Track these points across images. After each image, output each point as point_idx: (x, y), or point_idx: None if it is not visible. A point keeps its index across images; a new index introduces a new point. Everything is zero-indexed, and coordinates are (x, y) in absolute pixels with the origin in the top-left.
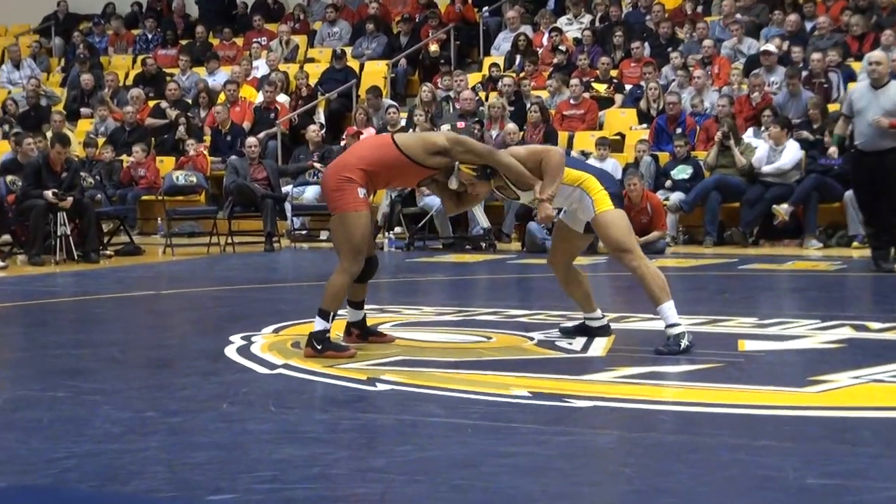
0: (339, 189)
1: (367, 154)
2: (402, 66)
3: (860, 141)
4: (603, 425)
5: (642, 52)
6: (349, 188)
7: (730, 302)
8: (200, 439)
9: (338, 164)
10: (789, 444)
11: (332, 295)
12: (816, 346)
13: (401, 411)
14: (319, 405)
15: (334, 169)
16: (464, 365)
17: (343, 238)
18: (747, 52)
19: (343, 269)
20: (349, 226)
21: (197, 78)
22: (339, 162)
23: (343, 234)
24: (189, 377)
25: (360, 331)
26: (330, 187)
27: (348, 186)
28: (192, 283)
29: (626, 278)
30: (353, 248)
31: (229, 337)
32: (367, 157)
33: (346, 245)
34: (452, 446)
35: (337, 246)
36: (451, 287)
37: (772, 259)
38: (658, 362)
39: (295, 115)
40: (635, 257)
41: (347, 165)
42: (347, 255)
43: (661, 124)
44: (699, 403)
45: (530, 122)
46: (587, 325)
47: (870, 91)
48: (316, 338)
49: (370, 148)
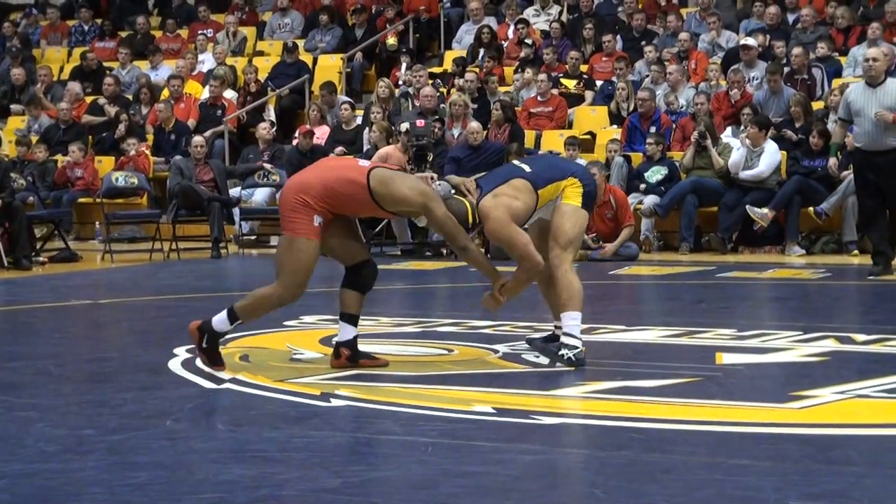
0: (294, 210)
1: (336, 187)
2: (358, 60)
3: (862, 142)
4: (571, 443)
5: (614, 45)
6: (305, 214)
7: (707, 312)
8: (142, 459)
9: (301, 184)
10: (769, 463)
11: (253, 306)
12: (798, 360)
13: (356, 429)
14: (269, 422)
15: (296, 188)
16: (423, 379)
17: (286, 261)
18: (726, 46)
19: (275, 291)
20: (295, 251)
21: (138, 72)
22: (303, 181)
23: (288, 257)
24: (130, 392)
25: (351, 352)
26: (286, 205)
27: (304, 211)
28: (132, 291)
29: (596, 287)
30: (294, 275)
31: (173, 349)
32: (334, 190)
33: (287, 270)
34: (410, 466)
35: (277, 266)
36: (410, 296)
37: (752, 267)
38: (631, 377)
39: (243, 112)
40: (566, 259)
41: (310, 189)
42: (285, 281)
43: (634, 123)
44: (674, 420)
45: (494, 121)
46: (557, 334)
47: (866, 90)
48: (210, 334)
49: (340, 181)
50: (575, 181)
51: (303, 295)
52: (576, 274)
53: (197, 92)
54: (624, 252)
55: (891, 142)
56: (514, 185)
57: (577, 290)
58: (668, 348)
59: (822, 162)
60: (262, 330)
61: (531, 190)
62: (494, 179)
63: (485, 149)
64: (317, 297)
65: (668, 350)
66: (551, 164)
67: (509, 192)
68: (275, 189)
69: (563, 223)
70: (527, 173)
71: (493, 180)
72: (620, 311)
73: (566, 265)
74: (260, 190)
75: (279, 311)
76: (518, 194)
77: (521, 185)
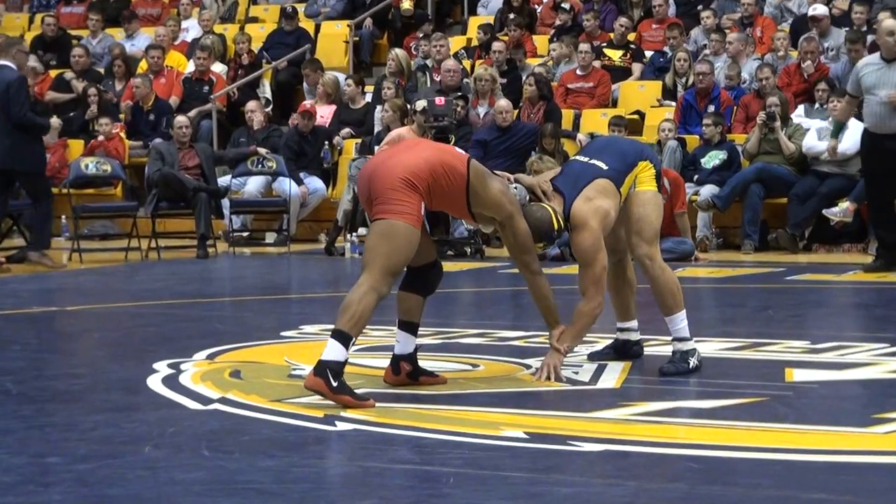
0: (399, 190)
1: (442, 172)
2: (368, 27)
3: (870, 122)
4: (615, 474)
5: (666, 10)
6: (411, 196)
7: (775, 321)
8: (116, 491)
9: (405, 163)
10: (848, 497)
11: (358, 315)
12: (883, 377)
13: (365, 457)
14: (264, 449)
15: (401, 166)
16: (444, 399)
17: (385, 250)
18: (797, 11)
19: (372, 286)
20: (398, 238)
21: (111, 42)
22: (409, 160)
23: (387, 245)
24: (102, 414)
25: (413, 367)
26: (389, 184)
27: (411, 194)
28: (105, 297)
29: (646, 291)
30: (392, 265)
31: (153, 364)
32: (439, 175)
33: (384, 259)
34: (429, 500)
35: (370, 256)
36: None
37: (828, 268)
38: (685, 396)
39: (234, 88)
40: (656, 254)
41: (418, 171)
42: (382, 271)
43: (689, 101)
44: (736, 447)
45: (527, 99)
46: (620, 339)
47: (882, 65)
48: (332, 369)
49: (446, 167)
50: (647, 164)
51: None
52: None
53: (180, 65)
54: (677, 249)
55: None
56: (599, 186)
57: (678, 286)
58: (729, 363)
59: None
60: (257, 342)
61: (616, 192)
62: (577, 181)
63: (515, 130)
64: (318, 304)
65: (730, 365)
66: (621, 151)
67: (599, 198)
68: (270, 177)
69: (648, 213)
70: (607, 171)
71: (573, 181)
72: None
73: (658, 260)
74: (253, 179)
75: (276, 321)
76: (606, 199)
77: (607, 187)
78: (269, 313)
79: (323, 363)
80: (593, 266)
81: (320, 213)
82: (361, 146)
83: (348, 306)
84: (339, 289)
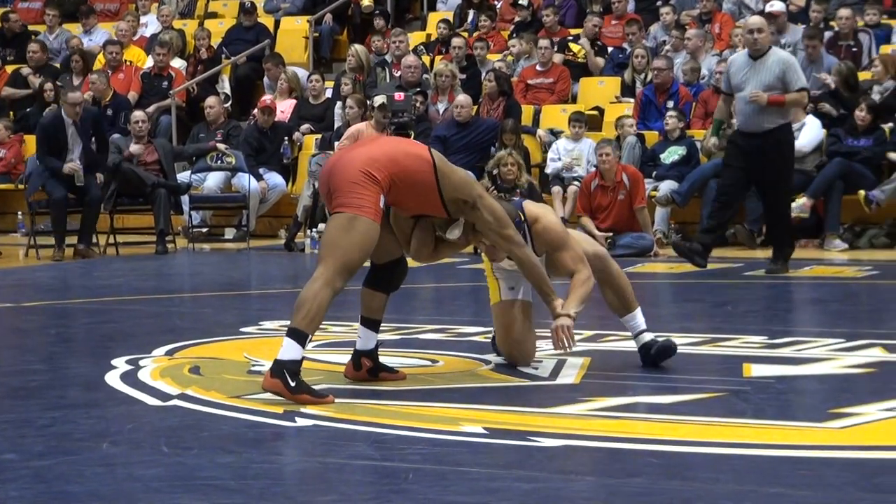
0: (359, 183)
1: (403, 161)
2: (328, 23)
3: (738, 120)
4: (575, 469)
5: (625, 6)
6: (370, 190)
7: (733, 316)
8: (74, 488)
9: (365, 155)
10: (806, 492)
11: (314, 313)
12: (840, 372)
13: (324, 453)
14: (224, 445)
15: (360, 158)
16: (403, 395)
17: (343, 244)
18: (755, 7)
19: (326, 281)
20: (356, 233)
21: (68, 36)
22: (367, 153)
23: (345, 240)
24: (59, 410)
25: (373, 363)
26: (348, 177)
27: (370, 187)
28: (63, 293)
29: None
30: (349, 261)
31: (111, 361)
32: (401, 165)
33: (341, 254)
34: (388, 496)
35: (327, 251)
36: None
37: None
38: (644, 392)
39: (193, 83)
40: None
41: (376, 161)
42: (338, 266)
43: (648, 96)
44: (695, 442)
45: (486, 94)
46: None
47: (748, 63)
48: (289, 369)
49: (408, 156)
50: None
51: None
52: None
53: (139, 60)
54: (636, 244)
55: (766, 124)
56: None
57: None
58: (687, 358)
59: (869, 142)
60: (216, 338)
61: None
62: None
63: (475, 126)
64: (278, 300)
65: (688, 360)
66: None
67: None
68: (230, 173)
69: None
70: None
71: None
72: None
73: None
74: (213, 174)
75: (235, 317)
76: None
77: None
78: (229, 309)
79: (279, 363)
80: (569, 245)
81: (280, 208)
82: (321, 142)
83: (303, 303)
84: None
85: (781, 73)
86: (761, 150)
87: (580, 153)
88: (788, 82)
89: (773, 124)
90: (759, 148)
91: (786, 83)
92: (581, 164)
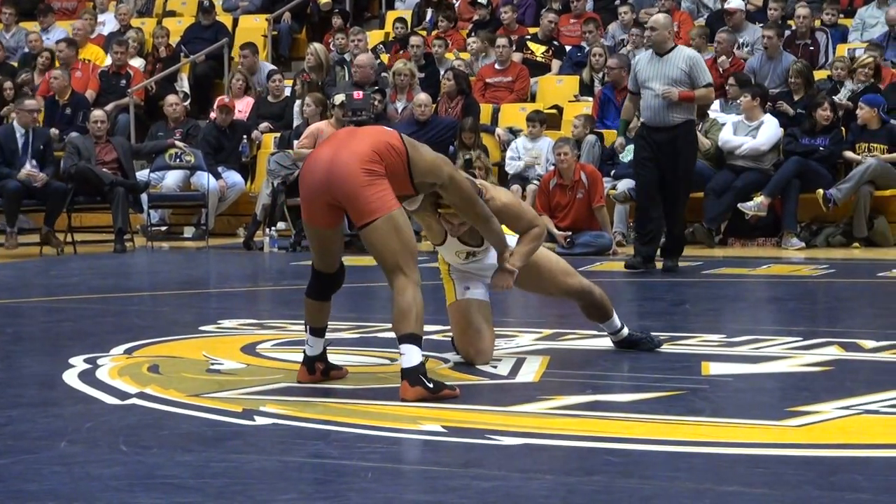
0: (372, 185)
1: (384, 150)
2: (286, 21)
3: (646, 115)
4: (534, 468)
5: (584, 5)
6: (382, 183)
7: (691, 315)
8: (31, 487)
9: (357, 156)
10: (763, 490)
11: (417, 315)
12: (797, 370)
13: (284, 451)
14: (182, 444)
15: (355, 160)
16: (362, 394)
17: (398, 246)
18: (713, 6)
19: (413, 282)
20: (400, 228)
21: (27, 34)
22: (358, 152)
23: (397, 240)
24: (16, 409)
25: (325, 365)
26: (359, 182)
27: (380, 181)
28: (19, 291)
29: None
30: (410, 253)
31: (69, 359)
32: (385, 153)
33: (404, 253)
34: (347, 495)
35: (391, 259)
36: (348, 296)
37: (743, 262)
38: (602, 390)
39: (152, 82)
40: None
41: (370, 156)
42: (409, 265)
43: (607, 95)
44: (653, 440)
45: (445, 93)
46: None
47: (653, 59)
48: (422, 373)
49: (386, 147)
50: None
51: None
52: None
53: (97, 58)
54: (595, 242)
55: (674, 118)
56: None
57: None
58: (645, 357)
59: (825, 140)
60: (175, 336)
61: None
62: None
63: (434, 125)
64: (237, 298)
65: (646, 359)
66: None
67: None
68: (189, 171)
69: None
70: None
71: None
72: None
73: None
74: (172, 173)
75: (194, 315)
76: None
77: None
78: (188, 308)
79: (412, 371)
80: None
81: (239, 207)
82: (280, 140)
83: (408, 310)
84: (258, 283)
85: (688, 68)
86: (671, 143)
87: (539, 152)
88: (695, 78)
89: (681, 118)
90: (669, 140)
91: (693, 79)
92: (540, 162)
